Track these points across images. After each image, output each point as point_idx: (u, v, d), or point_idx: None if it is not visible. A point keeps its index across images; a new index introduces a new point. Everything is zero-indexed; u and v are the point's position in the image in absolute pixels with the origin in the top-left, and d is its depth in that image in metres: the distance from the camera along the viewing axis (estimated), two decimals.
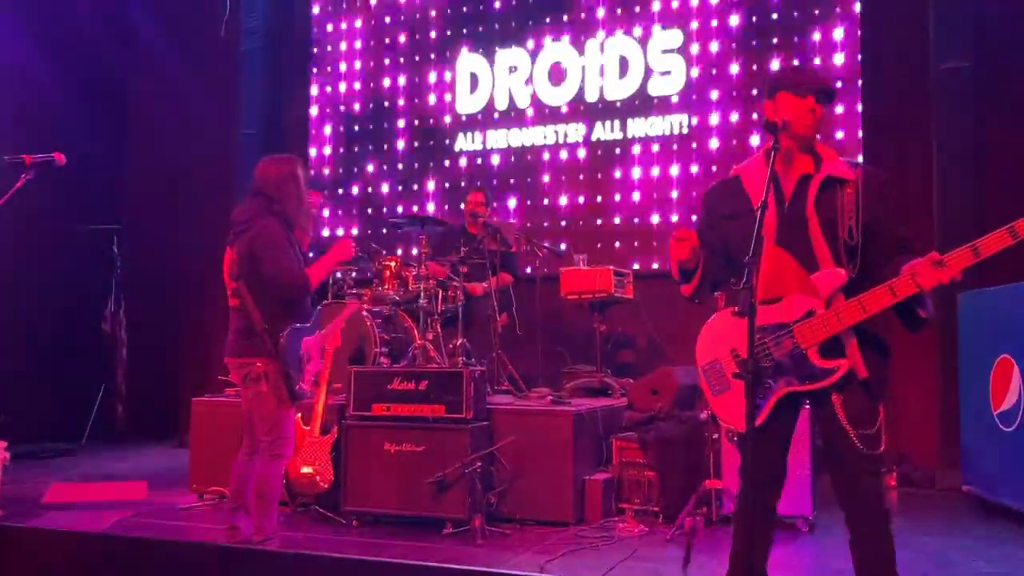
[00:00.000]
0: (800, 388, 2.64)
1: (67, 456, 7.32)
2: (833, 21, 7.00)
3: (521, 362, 6.28)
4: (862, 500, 2.64)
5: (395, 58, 8.52)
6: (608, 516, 4.87)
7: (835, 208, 2.62)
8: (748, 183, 2.76)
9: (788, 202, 2.68)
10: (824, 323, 2.57)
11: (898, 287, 2.50)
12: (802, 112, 2.69)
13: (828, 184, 2.65)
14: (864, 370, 2.59)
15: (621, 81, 7.65)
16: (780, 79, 2.86)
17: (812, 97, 2.70)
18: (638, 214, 7.51)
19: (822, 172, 2.67)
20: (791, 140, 2.70)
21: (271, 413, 3.97)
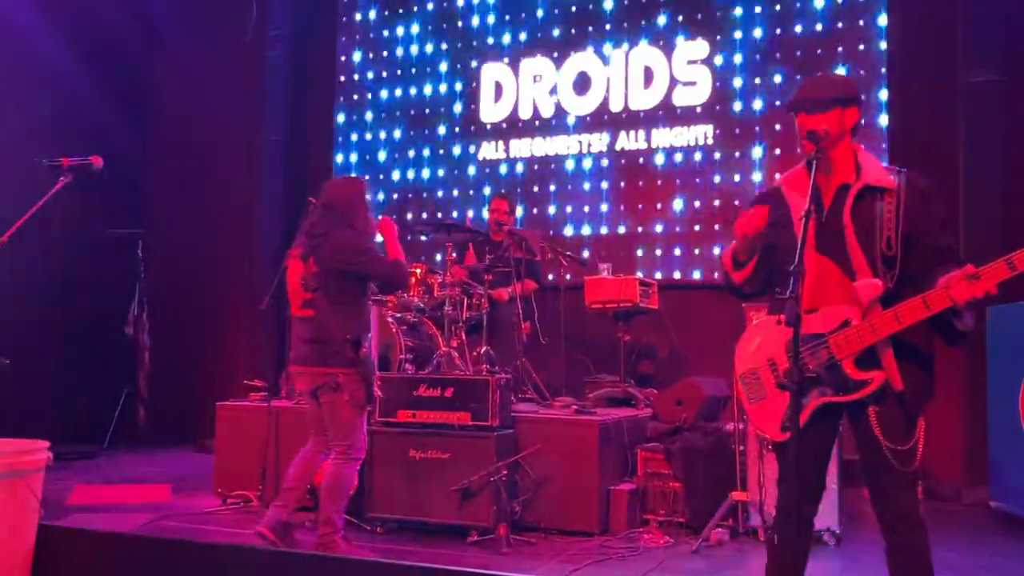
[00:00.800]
0: (834, 399, 2.61)
1: (90, 459, 7.36)
2: (859, 33, 6.99)
3: (544, 371, 6.28)
4: (896, 513, 2.61)
5: (420, 67, 8.55)
6: (633, 527, 4.84)
7: (872, 218, 2.59)
8: (789, 194, 2.75)
9: (827, 212, 2.66)
10: (859, 334, 2.55)
11: (931, 300, 2.46)
12: (798, 131, 2.71)
13: (866, 193, 2.62)
14: (900, 382, 2.55)
15: (646, 91, 7.65)
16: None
17: (801, 114, 2.71)
18: (662, 224, 7.50)
19: (860, 181, 2.64)
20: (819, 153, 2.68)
21: (349, 421, 4.20)
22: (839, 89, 2.71)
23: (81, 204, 7.29)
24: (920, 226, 2.59)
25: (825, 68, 7.02)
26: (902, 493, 2.60)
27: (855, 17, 7.00)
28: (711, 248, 7.28)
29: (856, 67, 6.96)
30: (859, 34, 6.98)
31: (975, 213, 6.17)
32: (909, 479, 2.59)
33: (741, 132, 7.31)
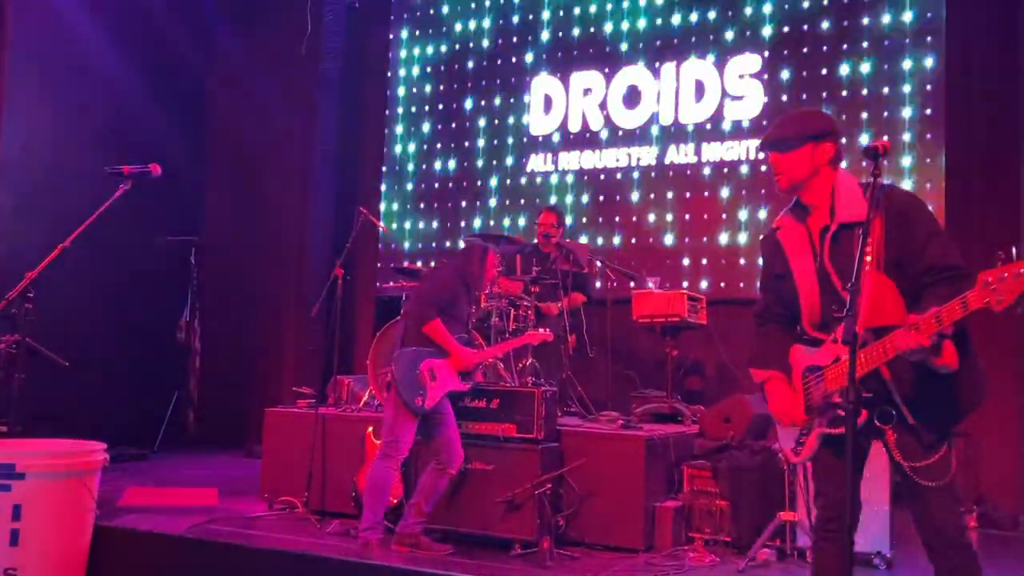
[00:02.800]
0: (828, 431, 2.62)
1: (141, 461, 7.48)
2: (916, 48, 6.85)
3: (590, 385, 6.24)
4: (939, 534, 2.53)
5: (471, 80, 8.61)
6: (678, 544, 4.79)
7: (852, 256, 2.49)
8: (784, 240, 2.78)
9: (818, 255, 2.69)
10: (841, 370, 2.53)
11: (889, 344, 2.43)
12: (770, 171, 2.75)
13: (841, 232, 2.61)
14: (910, 416, 2.50)
15: (697, 105, 7.61)
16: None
17: (771, 153, 2.74)
18: (711, 238, 7.43)
19: (835, 221, 2.63)
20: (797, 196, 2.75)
21: (391, 418, 4.58)
22: (810, 125, 2.71)
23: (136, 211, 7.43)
24: (903, 247, 2.53)
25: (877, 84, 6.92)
26: (942, 512, 2.51)
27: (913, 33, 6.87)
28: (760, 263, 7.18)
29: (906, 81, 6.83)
30: (919, 48, 6.85)
31: None
32: (947, 496, 2.51)
33: None
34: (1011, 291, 2.07)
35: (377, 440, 4.97)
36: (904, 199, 2.61)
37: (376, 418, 5.25)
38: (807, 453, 2.69)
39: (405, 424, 4.55)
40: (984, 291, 2.12)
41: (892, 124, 6.84)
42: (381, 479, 4.56)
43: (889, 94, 6.89)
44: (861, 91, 7.00)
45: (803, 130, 2.67)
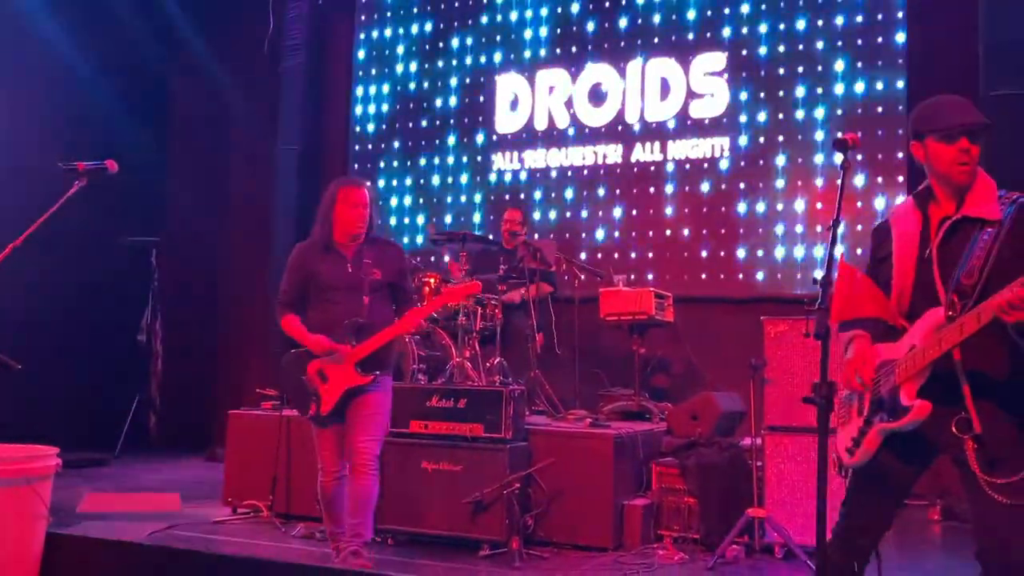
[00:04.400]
0: (886, 425, 2.47)
1: (101, 466, 7.34)
2: (878, 50, 6.94)
3: (558, 383, 6.22)
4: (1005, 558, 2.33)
5: (436, 78, 8.55)
6: (647, 542, 4.77)
7: (962, 249, 2.44)
8: (895, 223, 2.65)
9: (930, 243, 2.55)
10: (914, 358, 2.42)
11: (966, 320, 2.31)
12: (955, 158, 2.49)
13: (963, 225, 2.49)
14: (978, 425, 2.34)
15: (662, 103, 7.62)
16: (926, 121, 2.58)
17: (964, 139, 2.49)
18: (677, 236, 7.45)
19: (959, 213, 2.51)
20: (944, 185, 2.54)
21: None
22: (982, 116, 2.53)
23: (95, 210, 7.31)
24: (1021, 258, 2.38)
25: (844, 82, 6.99)
26: (1007, 532, 2.30)
27: (875, 33, 6.95)
28: (727, 261, 7.23)
29: (875, 80, 6.91)
30: (879, 50, 6.93)
31: None
32: (1017, 516, 2.29)
33: (758, 145, 7.26)
34: None
35: None
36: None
37: None
38: (863, 455, 2.52)
39: (317, 438, 4.06)
40: None
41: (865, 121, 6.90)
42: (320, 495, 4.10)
43: (862, 91, 6.95)
44: (831, 87, 7.06)
45: (984, 120, 2.51)
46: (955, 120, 2.51)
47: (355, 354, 3.92)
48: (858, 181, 6.87)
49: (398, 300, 4.18)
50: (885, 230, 2.68)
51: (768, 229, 7.15)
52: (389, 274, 4.11)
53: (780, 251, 7.10)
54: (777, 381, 4.67)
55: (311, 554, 4.50)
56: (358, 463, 3.93)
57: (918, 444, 2.47)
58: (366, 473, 3.92)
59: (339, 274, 4.02)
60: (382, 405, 4.05)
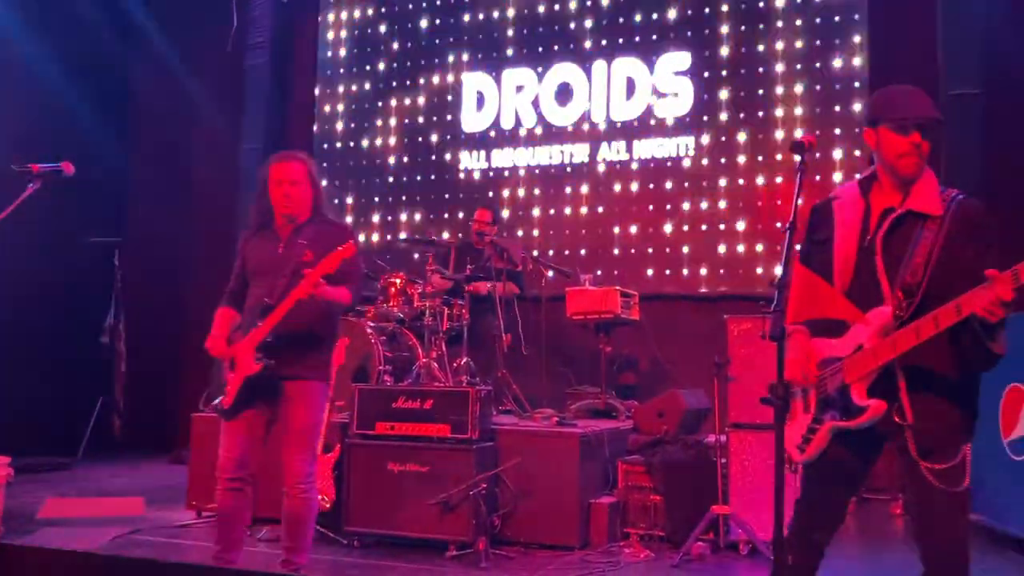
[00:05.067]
0: (840, 424, 2.50)
1: (63, 470, 7.23)
2: (841, 49, 7.02)
3: (525, 382, 6.22)
4: (939, 539, 2.44)
5: (402, 76, 8.52)
6: (614, 540, 4.80)
7: (907, 243, 2.47)
8: (838, 208, 2.64)
9: (870, 235, 2.56)
10: (865, 359, 2.45)
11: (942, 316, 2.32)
12: (904, 151, 2.50)
13: (907, 219, 2.51)
14: (911, 416, 2.41)
15: (628, 102, 7.65)
16: (882, 108, 2.59)
17: (917, 133, 2.49)
18: (644, 235, 7.49)
19: (904, 206, 2.52)
20: (890, 175, 2.55)
21: None
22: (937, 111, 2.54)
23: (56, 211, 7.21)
24: (961, 255, 2.42)
25: (804, 82, 7.07)
26: (944, 516, 2.41)
27: (839, 32, 7.04)
28: (692, 259, 7.28)
29: (833, 81, 7.00)
30: (842, 49, 7.02)
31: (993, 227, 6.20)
32: (953, 501, 2.39)
33: (722, 144, 7.32)
34: None
35: None
36: (977, 209, 2.51)
37: None
38: (814, 451, 2.54)
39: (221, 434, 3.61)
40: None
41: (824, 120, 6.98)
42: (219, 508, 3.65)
43: (820, 91, 7.04)
44: (792, 88, 7.14)
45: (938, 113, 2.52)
46: (911, 112, 2.51)
47: (256, 335, 3.49)
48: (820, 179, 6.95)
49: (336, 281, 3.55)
50: (826, 212, 2.68)
51: (731, 226, 7.22)
52: (322, 255, 3.54)
53: (741, 248, 7.17)
54: (741, 379, 4.71)
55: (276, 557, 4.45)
56: (286, 484, 3.54)
57: (865, 436, 2.51)
58: (294, 495, 3.53)
59: (267, 256, 3.63)
60: (314, 415, 3.60)
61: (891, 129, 2.52)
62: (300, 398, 3.54)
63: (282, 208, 3.64)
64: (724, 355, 4.72)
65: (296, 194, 3.64)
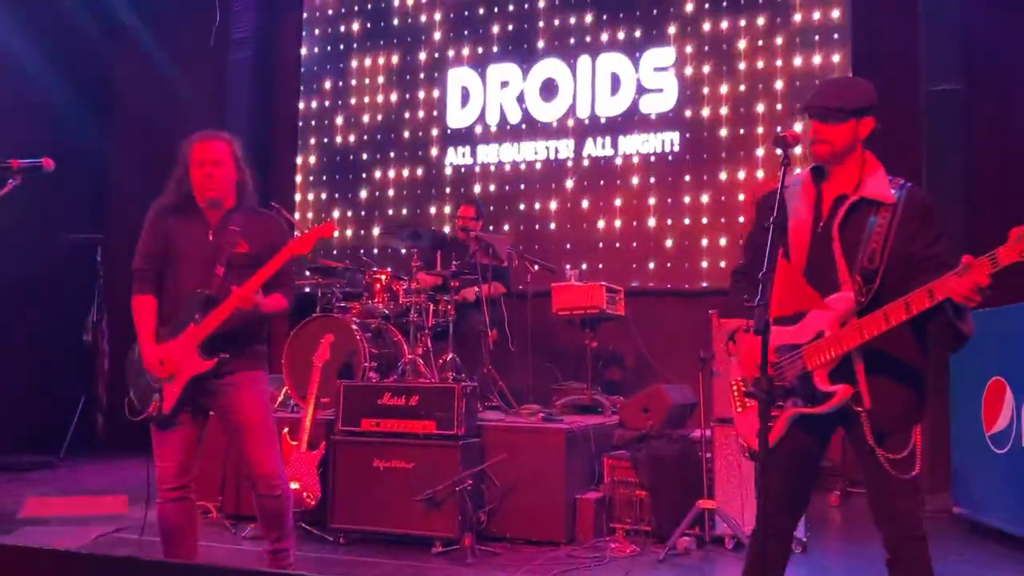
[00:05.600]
0: (804, 410, 2.57)
1: (45, 469, 7.18)
2: (823, 45, 7.05)
3: (511, 378, 6.23)
4: (896, 523, 2.57)
5: (387, 72, 8.49)
6: (600, 536, 4.80)
7: (861, 231, 2.55)
8: (790, 198, 2.69)
9: (823, 222, 2.63)
10: (828, 345, 2.52)
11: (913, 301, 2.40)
12: (811, 138, 2.64)
13: (861, 206, 2.58)
14: (868, 401, 2.50)
15: (613, 98, 7.65)
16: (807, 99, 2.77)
17: (814, 120, 2.63)
18: (629, 230, 7.50)
19: (857, 194, 2.60)
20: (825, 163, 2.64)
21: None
22: (858, 99, 2.62)
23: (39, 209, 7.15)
24: (913, 242, 2.53)
25: (787, 78, 7.09)
26: (902, 503, 2.55)
27: (821, 29, 7.07)
28: (677, 254, 7.30)
29: (815, 77, 7.02)
30: (825, 45, 7.05)
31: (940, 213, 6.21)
32: (908, 487, 2.53)
33: (707, 139, 7.34)
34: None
35: (293, 441, 4.86)
36: (925, 198, 2.63)
37: (292, 419, 5.13)
38: (774, 439, 2.60)
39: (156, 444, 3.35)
40: (1020, 244, 2.22)
41: None
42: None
43: (800, 87, 7.06)
44: (773, 84, 7.16)
45: (851, 102, 2.60)
46: (810, 101, 2.68)
47: (198, 332, 3.27)
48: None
49: (269, 283, 3.35)
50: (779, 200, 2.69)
51: (713, 221, 7.24)
52: (258, 248, 3.40)
53: (723, 241, 7.19)
54: (726, 374, 4.71)
55: (261, 555, 4.43)
56: (261, 482, 3.34)
57: (822, 421, 2.61)
58: (272, 493, 3.35)
59: (196, 241, 3.36)
60: (263, 406, 3.41)
61: (807, 117, 2.71)
62: (248, 389, 3.35)
63: (205, 191, 3.40)
64: (709, 350, 4.73)
65: (219, 175, 3.41)
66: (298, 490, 4.73)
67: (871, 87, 2.74)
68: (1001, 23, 6.39)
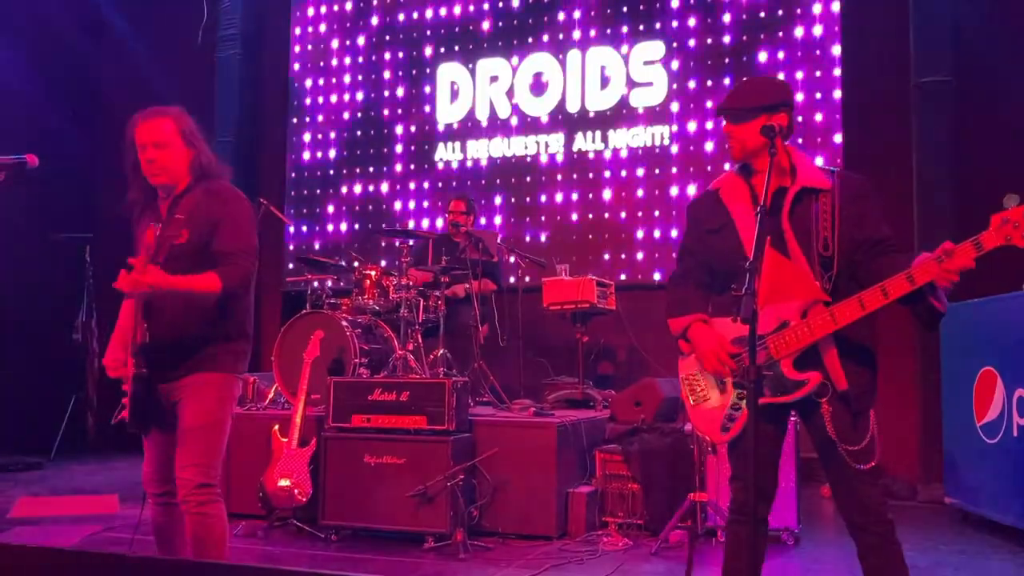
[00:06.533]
0: (773, 400, 2.58)
1: (36, 469, 7.14)
2: (813, 37, 7.05)
3: (502, 373, 6.22)
4: (862, 510, 2.59)
5: (374, 67, 8.46)
6: (592, 530, 4.81)
7: (809, 219, 2.59)
8: (727, 197, 2.74)
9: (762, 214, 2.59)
10: (796, 334, 2.54)
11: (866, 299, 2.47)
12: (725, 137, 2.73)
13: (803, 195, 2.62)
14: (844, 382, 2.53)
15: (602, 92, 7.64)
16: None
17: (727, 121, 2.70)
18: (619, 224, 7.49)
19: (797, 183, 2.63)
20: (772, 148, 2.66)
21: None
22: (765, 96, 2.66)
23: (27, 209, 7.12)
24: (858, 224, 2.58)
25: (779, 70, 7.09)
26: (866, 490, 2.57)
27: (812, 20, 7.06)
28: (667, 248, 7.29)
29: (812, 68, 7.03)
30: (815, 37, 7.04)
31: (929, 206, 6.26)
32: (869, 476, 2.56)
33: (697, 132, 7.33)
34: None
35: (284, 438, 4.84)
36: (859, 180, 2.68)
37: (283, 416, 5.11)
38: (738, 429, 2.62)
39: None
40: (1004, 228, 2.28)
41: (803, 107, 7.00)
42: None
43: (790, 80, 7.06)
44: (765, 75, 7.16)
45: (758, 100, 2.64)
46: (719, 103, 2.74)
47: (138, 336, 2.93)
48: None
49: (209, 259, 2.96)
50: (714, 201, 2.78)
51: None
52: (199, 234, 2.96)
53: None
54: None
55: (252, 552, 4.43)
56: (179, 498, 2.94)
57: (779, 409, 2.65)
58: (187, 511, 2.93)
59: (148, 237, 3.01)
60: (207, 413, 2.94)
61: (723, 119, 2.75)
62: (191, 395, 2.94)
63: (150, 178, 3.04)
64: None
65: (162, 159, 3.01)
66: (289, 487, 4.71)
67: (783, 84, 2.82)
68: (990, 15, 6.41)
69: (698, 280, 2.81)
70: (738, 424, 2.63)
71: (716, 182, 2.83)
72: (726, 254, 2.66)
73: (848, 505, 2.62)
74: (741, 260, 2.46)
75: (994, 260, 2.45)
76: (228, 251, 2.95)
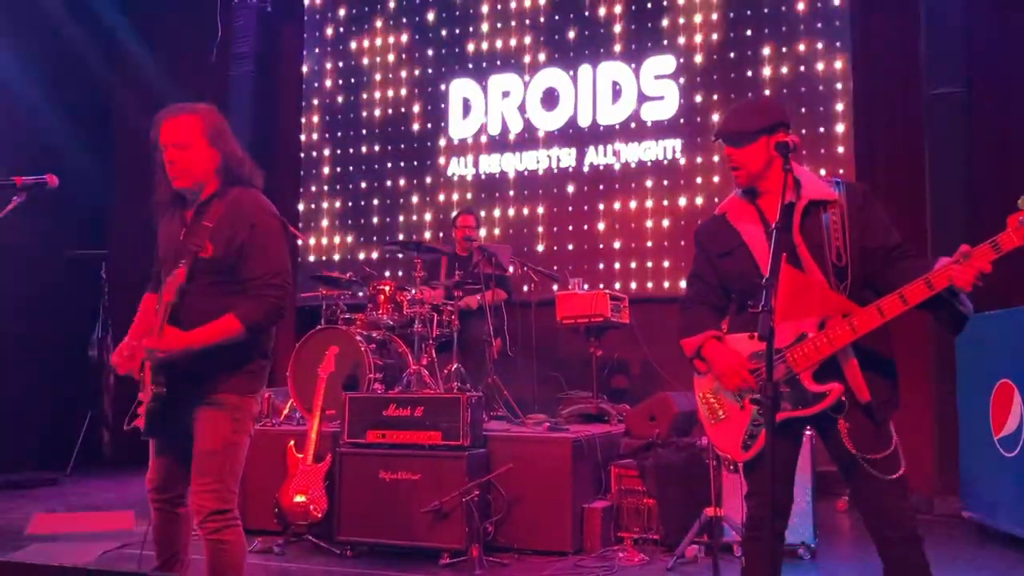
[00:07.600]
0: (794, 414, 2.57)
1: (52, 485, 7.17)
2: (825, 50, 7.05)
3: (516, 388, 6.21)
4: (892, 524, 2.54)
5: (389, 84, 8.51)
6: (607, 545, 4.79)
7: (820, 231, 2.59)
8: (735, 219, 2.75)
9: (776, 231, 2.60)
10: (816, 347, 2.53)
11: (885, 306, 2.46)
12: (728, 162, 2.74)
13: (811, 208, 2.63)
14: (866, 393, 2.51)
15: (614, 106, 7.66)
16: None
17: (727, 147, 2.71)
18: (633, 238, 7.49)
19: (803, 198, 2.63)
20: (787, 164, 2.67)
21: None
22: (762, 118, 2.68)
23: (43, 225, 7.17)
24: (868, 232, 2.59)
25: (790, 83, 7.09)
26: (895, 503, 2.53)
27: (822, 33, 7.07)
28: (681, 261, 7.28)
29: (819, 82, 7.03)
30: (826, 50, 7.05)
31: (943, 215, 6.24)
32: (897, 487, 2.52)
33: (708, 146, 7.33)
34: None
35: (299, 454, 4.85)
36: (862, 189, 2.69)
37: (298, 432, 5.12)
38: (760, 446, 2.58)
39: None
40: (1022, 229, 2.27)
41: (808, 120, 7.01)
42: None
43: (804, 92, 7.06)
44: (775, 90, 7.16)
45: (756, 124, 2.66)
46: (716, 129, 2.78)
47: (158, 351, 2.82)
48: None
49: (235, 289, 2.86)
50: (722, 225, 2.79)
51: None
52: (223, 250, 2.82)
53: None
54: None
55: (268, 568, 4.44)
56: (195, 523, 2.86)
57: (796, 424, 2.64)
58: (203, 537, 2.84)
59: (170, 241, 2.92)
60: (222, 437, 2.86)
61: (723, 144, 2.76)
62: (203, 419, 2.87)
63: (172, 180, 2.89)
64: None
65: (184, 160, 2.85)
66: (304, 503, 4.72)
67: (776, 104, 2.87)
68: (1002, 25, 6.40)
69: (709, 302, 2.82)
70: (759, 441, 2.61)
71: (721, 207, 2.84)
72: (741, 275, 2.67)
73: (877, 519, 2.56)
74: (757, 279, 2.47)
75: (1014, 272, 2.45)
76: (254, 280, 2.85)
